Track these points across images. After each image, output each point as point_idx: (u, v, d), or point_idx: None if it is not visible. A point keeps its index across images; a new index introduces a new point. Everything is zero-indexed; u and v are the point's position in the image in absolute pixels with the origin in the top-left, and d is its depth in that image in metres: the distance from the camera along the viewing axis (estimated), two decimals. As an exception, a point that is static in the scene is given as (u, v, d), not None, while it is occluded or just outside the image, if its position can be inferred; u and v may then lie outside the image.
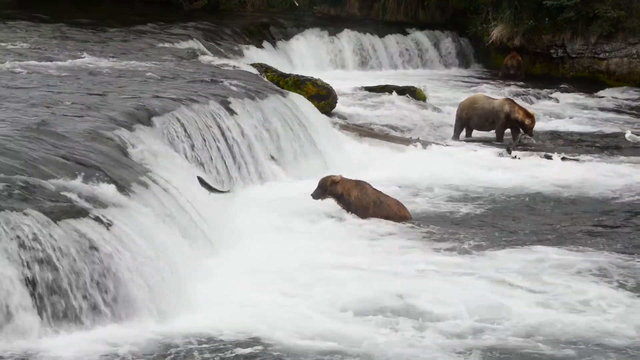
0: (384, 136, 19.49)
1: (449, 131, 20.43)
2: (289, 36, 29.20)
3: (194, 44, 24.28)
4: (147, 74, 17.55)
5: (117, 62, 19.04)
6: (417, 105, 22.72)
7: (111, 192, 10.08)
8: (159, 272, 9.38)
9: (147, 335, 8.66)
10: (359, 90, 23.87)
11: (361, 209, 13.33)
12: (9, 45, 20.31)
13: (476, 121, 19.89)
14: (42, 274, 8.43)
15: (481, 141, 19.62)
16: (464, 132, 20.08)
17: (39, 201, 9.13)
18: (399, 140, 19.21)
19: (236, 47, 26.44)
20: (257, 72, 20.81)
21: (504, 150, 18.64)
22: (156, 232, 9.97)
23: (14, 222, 8.54)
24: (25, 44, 20.69)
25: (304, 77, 21.48)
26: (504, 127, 19.64)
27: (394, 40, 30.55)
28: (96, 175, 10.33)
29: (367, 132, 19.45)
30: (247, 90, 16.91)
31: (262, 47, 27.70)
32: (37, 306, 8.33)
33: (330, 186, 13.42)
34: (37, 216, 8.76)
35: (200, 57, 21.64)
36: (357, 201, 13.37)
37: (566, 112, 23.67)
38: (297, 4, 33.36)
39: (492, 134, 19.94)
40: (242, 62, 22.70)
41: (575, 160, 17.65)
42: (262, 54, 26.75)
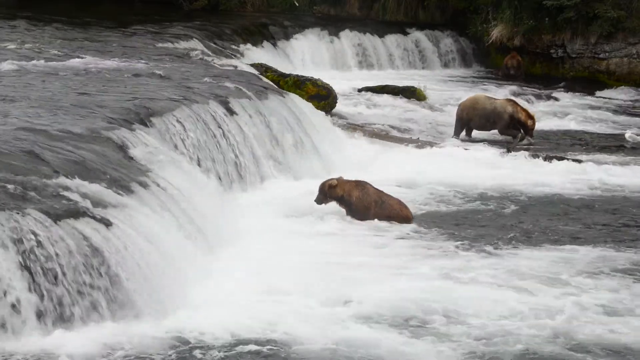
0: (384, 136, 19.48)
1: (449, 131, 20.42)
2: (289, 36, 29.17)
3: (194, 44, 24.24)
4: (147, 74, 17.54)
5: (117, 62, 19.03)
6: (417, 105, 22.73)
7: (111, 192, 10.08)
8: (158, 272, 9.39)
9: (147, 335, 8.64)
10: (359, 90, 23.87)
11: (363, 209, 13.29)
12: (9, 45, 20.29)
13: (477, 121, 19.88)
14: (42, 274, 8.41)
15: (482, 141, 19.61)
16: (464, 132, 20.08)
17: (39, 201, 9.13)
18: (399, 140, 19.20)
19: (236, 47, 26.43)
20: (257, 72, 20.80)
21: (504, 150, 18.63)
22: (156, 232, 9.97)
23: (14, 221, 8.53)
24: (25, 44, 20.66)
25: (304, 77, 21.48)
26: (507, 127, 19.64)
27: (394, 40, 30.53)
28: (96, 175, 10.33)
29: (367, 132, 19.44)
30: (247, 90, 16.90)
31: (262, 47, 27.68)
32: (37, 306, 8.31)
33: (329, 190, 13.38)
34: (37, 216, 8.76)
35: (200, 57, 21.62)
36: (359, 201, 13.33)
37: (566, 112, 23.66)
38: (297, 4, 33.33)
39: (492, 134, 19.93)
40: (242, 62, 22.69)
41: (575, 161, 17.63)
42: (262, 54, 26.73)
